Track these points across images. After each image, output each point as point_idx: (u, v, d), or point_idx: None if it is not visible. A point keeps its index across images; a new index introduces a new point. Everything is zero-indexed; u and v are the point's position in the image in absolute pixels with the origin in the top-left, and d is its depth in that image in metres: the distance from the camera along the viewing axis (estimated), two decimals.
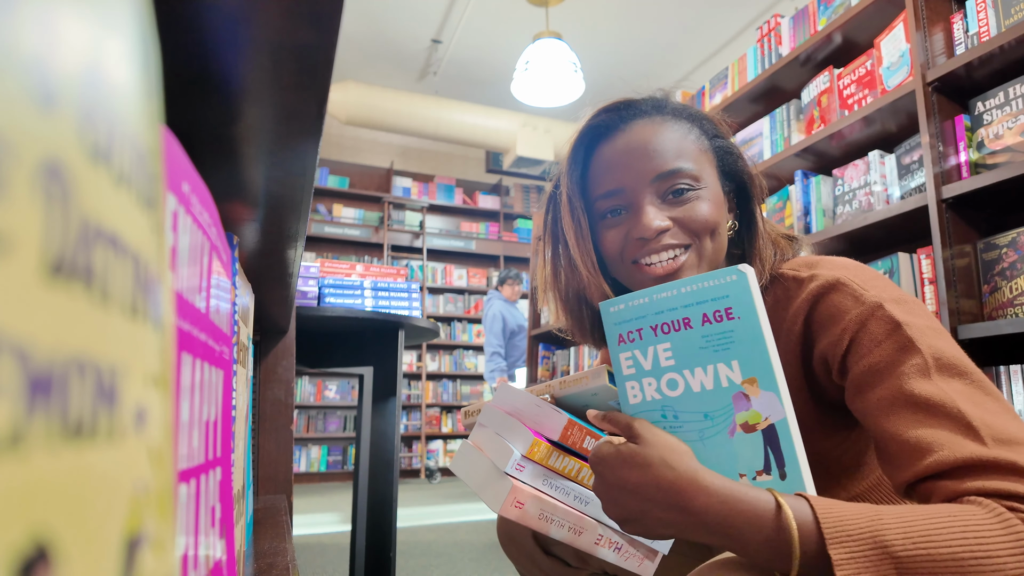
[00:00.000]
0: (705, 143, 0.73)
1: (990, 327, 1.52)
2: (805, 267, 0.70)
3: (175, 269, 0.22)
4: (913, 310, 0.61)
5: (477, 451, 0.71)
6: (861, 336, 0.61)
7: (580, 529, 0.65)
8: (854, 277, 0.65)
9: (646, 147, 0.70)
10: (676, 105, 0.75)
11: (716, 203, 0.71)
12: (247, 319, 0.63)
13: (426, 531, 3.11)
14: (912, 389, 0.56)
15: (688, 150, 0.71)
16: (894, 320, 0.59)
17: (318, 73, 0.35)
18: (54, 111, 0.10)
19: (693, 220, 0.69)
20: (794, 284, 0.69)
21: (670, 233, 0.69)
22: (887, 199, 1.91)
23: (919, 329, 0.59)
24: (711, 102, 2.74)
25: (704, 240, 0.70)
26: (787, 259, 0.74)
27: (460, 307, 6.31)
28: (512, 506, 0.62)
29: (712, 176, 0.72)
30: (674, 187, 0.69)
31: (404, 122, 5.29)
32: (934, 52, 1.75)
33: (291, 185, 0.52)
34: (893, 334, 0.59)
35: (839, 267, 0.67)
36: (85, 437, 0.10)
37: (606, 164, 0.72)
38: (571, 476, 0.66)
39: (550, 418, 0.67)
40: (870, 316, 0.61)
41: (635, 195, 0.70)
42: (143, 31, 0.14)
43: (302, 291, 1.67)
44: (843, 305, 0.63)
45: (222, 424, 0.35)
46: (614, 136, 0.72)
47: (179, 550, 0.23)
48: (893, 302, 0.61)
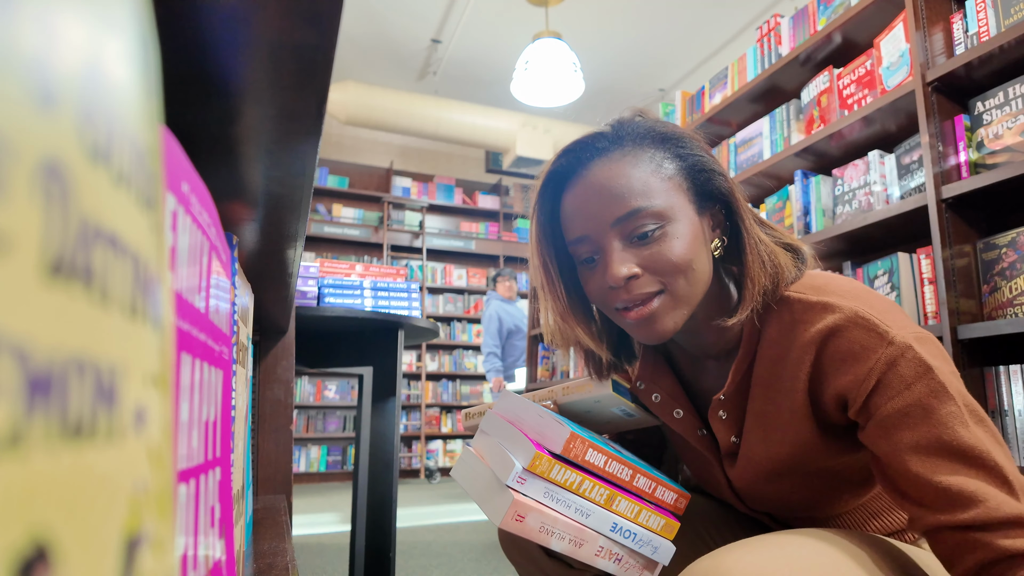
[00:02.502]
0: (671, 168, 0.68)
1: (990, 327, 1.52)
2: (812, 291, 0.67)
3: (175, 269, 0.22)
4: (934, 351, 0.61)
5: (479, 460, 0.70)
6: (890, 377, 0.60)
7: (581, 541, 0.65)
8: (872, 311, 0.63)
9: (604, 191, 0.67)
10: (639, 130, 0.70)
11: (689, 236, 0.67)
12: (247, 319, 0.63)
13: (426, 531, 3.11)
14: (951, 437, 0.57)
15: (650, 185, 0.66)
16: (924, 363, 0.59)
17: (318, 73, 0.35)
18: (54, 111, 0.10)
19: (662, 263, 0.66)
20: (801, 309, 0.67)
21: (640, 280, 0.66)
22: (887, 199, 1.91)
23: (947, 374, 0.60)
24: (711, 102, 2.74)
25: (677, 281, 0.66)
26: (790, 279, 0.69)
27: (460, 307, 6.31)
28: (513, 520, 0.62)
29: (683, 204, 0.67)
30: (637, 230, 0.66)
31: (404, 122, 5.29)
32: (934, 52, 1.75)
33: (291, 185, 0.52)
34: (924, 377, 0.59)
35: (851, 296, 0.65)
36: (85, 437, 0.10)
37: (570, 211, 0.70)
38: (573, 489, 0.65)
39: (552, 430, 0.66)
40: (899, 357, 0.60)
41: (600, 241, 0.68)
42: (143, 31, 0.14)
43: (302, 291, 1.67)
44: (867, 343, 0.62)
45: (222, 424, 0.35)
46: (574, 181, 0.70)
47: (179, 550, 0.23)
48: (918, 342, 0.61)
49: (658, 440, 0.96)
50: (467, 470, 0.72)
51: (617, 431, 0.92)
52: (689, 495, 0.73)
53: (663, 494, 0.70)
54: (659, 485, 0.70)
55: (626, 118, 0.73)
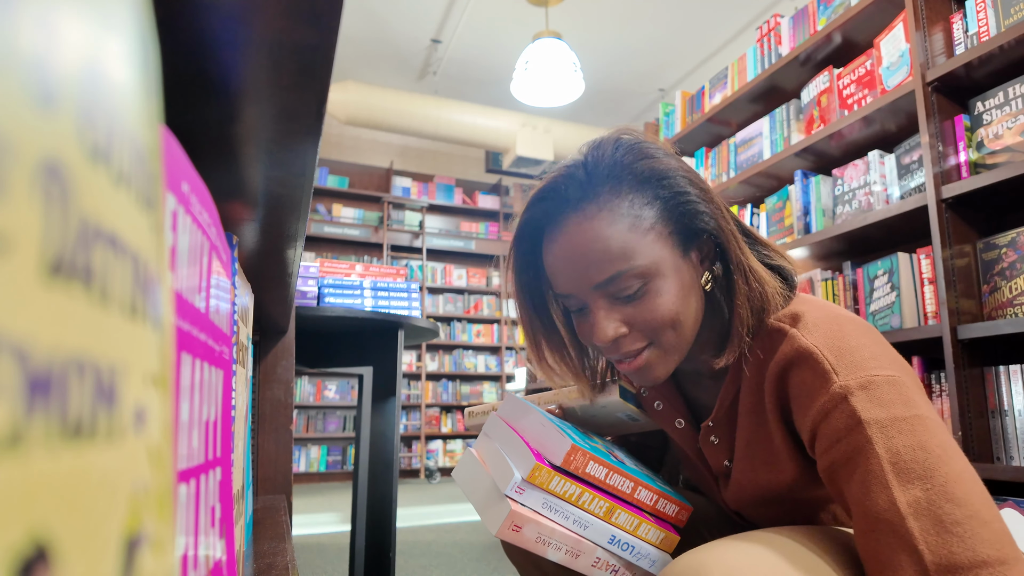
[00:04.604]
0: (652, 216, 0.64)
1: (989, 327, 1.52)
2: (789, 319, 0.66)
3: (175, 269, 0.22)
4: (884, 398, 0.57)
5: (479, 464, 0.70)
6: (824, 428, 0.59)
7: (578, 552, 0.65)
8: (829, 350, 0.60)
9: (582, 256, 0.64)
10: (616, 170, 0.65)
11: (675, 288, 0.65)
12: (247, 319, 0.63)
13: (426, 531, 3.11)
14: (865, 500, 0.55)
15: (629, 244, 0.63)
16: (855, 416, 0.57)
17: (318, 73, 0.35)
18: (53, 111, 0.10)
19: (648, 320, 0.65)
20: (777, 338, 0.65)
21: (628, 338, 0.66)
22: (887, 199, 1.91)
23: (880, 426, 0.56)
24: (711, 102, 2.74)
25: (664, 334, 0.65)
26: (776, 309, 0.67)
27: (460, 307, 6.31)
28: (509, 529, 0.62)
29: (666, 255, 0.65)
30: (621, 292, 0.65)
31: (404, 122, 5.29)
32: (934, 52, 1.75)
33: (291, 185, 0.52)
34: (851, 432, 0.57)
35: (820, 330, 0.63)
36: (84, 437, 0.10)
37: (551, 267, 0.68)
38: (572, 501, 0.65)
39: (554, 441, 0.66)
40: (833, 408, 0.58)
41: (585, 300, 0.67)
42: (143, 31, 0.14)
43: (302, 291, 1.66)
44: (812, 386, 0.60)
45: (222, 424, 0.35)
46: (552, 234, 0.68)
47: (179, 550, 0.23)
48: (861, 390, 0.57)
49: (660, 442, 0.96)
50: (467, 473, 0.71)
51: (620, 434, 0.93)
52: (691, 507, 0.73)
53: (665, 506, 0.70)
54: (661, 497, 0.70)
55: (604, 147, 0.68)
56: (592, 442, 0.71)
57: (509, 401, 0.74)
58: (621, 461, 0.71)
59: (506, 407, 0.74)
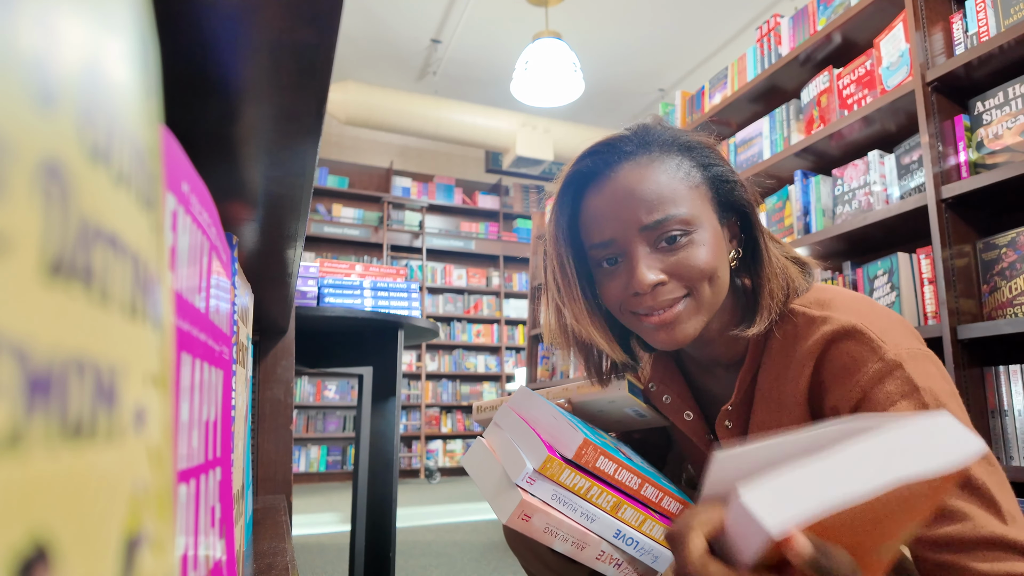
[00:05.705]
0: (698, 177, 0.68)
1: (989, 327, 1.52)
2: (817, 305, 0.68)
3: (175, 269, 0.22)
4: (930, 371, 0.61)
5: (490, 453, 0.71)
6: (876, 393, 0.60)
7: (583, 544, 0.65)
8: (871, 325, 0.63)
9: (632, 196, 0.66)
10: (665, 136, 0.70)
11: (713, 244, 0.67)
12: (246, 319, 0.63)
13: (426, 531, 3.11)
14: None
15: (678, 192, 0.66)
16: (912, 383, 0.59)
17: (317, 73, 0.35)
18: (54, 111, 0.10)
19: (688, 269, 0.66)
20: (804, 322, 0.67)
21: (666, 287, 0.67)
22: (887, 199, 1.91)
23: (934, 396, 0.59)
24: (711, 102, 2.74)
25: (702, 287, 0.67)
26: (800, 292, 0.70)
27: (459, 307, 6.31)
28: (519, 519, 0.63)
29: (707, 213, 0.68)
30: (665, 235, 0.66)
31: (404, 122, 5.29)
32: (934, 52, 1.75)
33: (290, 185, 0.52)
34: (909, 396, 0.59)
35: (853, 311, 0.65)
36: (84, 437, 0.10)
37: (595, 214, 0.69)
38: (581, 494, 0.66)
39: (566, 434, 0.67)
40: (888, 375, 0.60)
41: (626, 246, 0.67)
42: (143, 31, 0.14)
43: (301, 291, 1.66)
44: (860, 356, 0.62)
45: (222, 424, 0.35)
46: (600, 183, 0.69)
47: (179, 550, 0.23)
48: (912, 360, 0.60)
49: (663, 440, 0.97)
50: (478, 462, 0.72)
51: (626, 430, 0.93)
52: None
53: (669, 504, 0.71)
54: (666, 495, 0.71)
55: (649, 124, 0.73)
56: (601, 437, 0.72)
57: (521, 393, 0.74)
58: (629, 457, 0.72)
59: (518, 398, 0.74)
